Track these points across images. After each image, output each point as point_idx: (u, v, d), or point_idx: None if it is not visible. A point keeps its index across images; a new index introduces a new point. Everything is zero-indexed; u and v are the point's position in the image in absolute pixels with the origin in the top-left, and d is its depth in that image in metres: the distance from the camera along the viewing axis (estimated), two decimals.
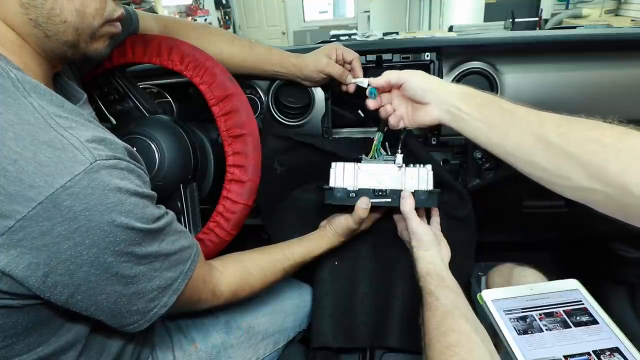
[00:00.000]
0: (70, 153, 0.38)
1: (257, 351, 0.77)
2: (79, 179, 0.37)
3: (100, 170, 0.39)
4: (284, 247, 0.73)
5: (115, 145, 0.43)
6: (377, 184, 0.71)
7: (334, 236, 0.76)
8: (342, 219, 0.74)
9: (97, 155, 0.39)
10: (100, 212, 0.38)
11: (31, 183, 0.36)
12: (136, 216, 0.41)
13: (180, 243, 0.50)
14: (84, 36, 0.49)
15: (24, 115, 0.38)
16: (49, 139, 0.38)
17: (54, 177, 0.36)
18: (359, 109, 0.90)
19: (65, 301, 0.41)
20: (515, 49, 0.89)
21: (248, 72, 0.84)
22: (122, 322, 0.46)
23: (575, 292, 0.64)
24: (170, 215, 0.49)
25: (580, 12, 3.38)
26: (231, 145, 0.70)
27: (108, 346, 0.56)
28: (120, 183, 0.40)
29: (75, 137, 0.39)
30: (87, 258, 0.39)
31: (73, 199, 0.37)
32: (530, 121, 0.52)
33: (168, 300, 0.48)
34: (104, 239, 0.39)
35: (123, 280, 0.43)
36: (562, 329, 0.58)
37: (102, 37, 0.52)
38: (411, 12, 5.11)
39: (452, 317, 0.53)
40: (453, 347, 0.48)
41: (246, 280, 0.65)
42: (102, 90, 0.77)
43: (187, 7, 5.90)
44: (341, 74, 0.80)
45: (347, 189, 0.71)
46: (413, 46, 0.90)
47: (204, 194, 0.77)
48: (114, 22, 0.52)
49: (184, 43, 0.73)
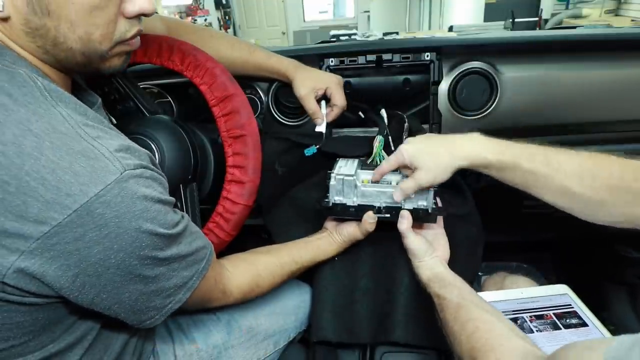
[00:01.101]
0: (103, 163, 0.40)
1: (258, 351, 0.77)
2: (111, 188, 0.39)
3: (129, 180, 0.41)
4: (292, 250, 0.73)
5: (139, 153, 0.45)
6: (377, 201, 0.70)
7: (343, 243, 0.77)
8: (351, 229, 0.75)
9: (126, 165, 0.41)
10: (128, 219, 0.40)
11: (68, 192, 0.38)
12: (159, 222, 0.43)
13: (197, 244, 0.52)
14: (94, 58, 0.48)
15: (56, 125, 0.40)
16: (82, 149, 0.40)
17: (88, 186, 0.38)
18: (359, 109, 0.90)
19: (91, 300, 0.43)
20: (515, 49, 0.89)
21: (247, 76, 0.85)
22: (141, 317, 0.49)
23: (565, 296, 0.65)
24: (187, 219, 0.51)
25: (580, 12, 3.38)
26: (231, 146, 0.70)
27: (112, 344, 0.57)
28: (146, 191, 0.42)
29: (105, 147, 0.41)
30: (115, 261, 0.41)
31: (105, 207, 0.39)
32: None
33: (183, 297, 0.51)
34: (131, 244, 0.41)
35: (145, 280, 0.45)
36: (552, 331, 0.59)
37: (115, 56, 0.50)
38: (411, 12, 5.11)
39: (462, 309, 0.54)
40: (474, 333, 0.49)
41: (256, 281, 0.66)
42: (103, 90, 0.77)
43: (187, 7, 5.90)
44: (312, 114, 0.83)
45: (347, 204, 0.71)
46: (413, 46, 0.90)
47: (204, 194, 0.77)
48: (128, 42, 0.50)
49: (184, 43, 0.73)
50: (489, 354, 0.46)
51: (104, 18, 0.46)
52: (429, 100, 0.91)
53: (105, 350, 0.55)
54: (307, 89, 0.81)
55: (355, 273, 0.81)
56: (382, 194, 0.70)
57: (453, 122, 0.89)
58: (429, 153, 0.62)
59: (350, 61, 0.92)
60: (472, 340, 0.49)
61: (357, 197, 0.71)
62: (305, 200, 0.87)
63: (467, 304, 0.55)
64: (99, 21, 0.45)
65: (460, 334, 0.51)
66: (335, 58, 0.92)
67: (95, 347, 0.53)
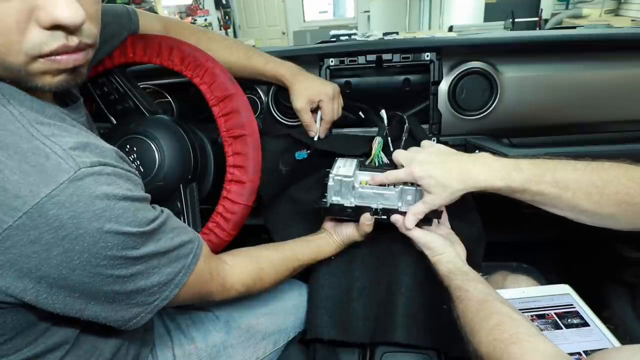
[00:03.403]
0: (54, 161, 0.38)
1: (257, 351, 0.77)
2: (64, 188, 0.37)
3: (85, 178, 0.38)
4: (294, 247, 0.74)
5: (101, 149, 0.42)
6: (374, 203, 0.70)
7: (341, 244, 0.78)
8: (350, 230, 0.76)
9: (80, 163, 0.38)
10: (87, 219, 0.38)
11: (16, 193, 0.36)
12: (127, 220, 0.41)
13: (180, 238, 0.50)
14: (15, 73, 0.40)
15: (5, 124, 0.38)
16: (32, 148, 0.38)
17: (38, 187, 0.36)
18: (359, 109, 0.90)
19: (63, 302, 0.41)
20: (515, 49, 0.89)
21: (245, 79, 0.85)
22: (124, 317, 0.46)
23: (567, 296, 0.65)
24: (166, 214, 0.49)
25: (580, 12, 3.38)
26: (231, 145, 0.70)
27: (101, 346, 0.55)
28: (107, 189, 0.40)
29: (58, 145, 0.39)
30: (79, 262, 0.39)
31: (59, 208, 0.37)
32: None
33: (169, 294, 0.49)
34: (94, 245, 0.39)
35: (119, 280, 0.43)
36: (553, 330, 0.59)
37: (42, 74, 0.42)
38: (411, 12, 5.11)
39: (488, 303, 0.53)
40: (498, 326, 0.48)
41: (258, 274, 0.65)
42: (103, 89, 0.77)
43: (187, 7, 5.90)
44: (306, 126, 0.85)
45: (344, 205, 0.71)
46: (413, 46, 0.90)
47: (204, 194, 0.77)
48: (53, 57, 0.41)
49: (184, 43, 0.73)
50: (513, 347, 0.44)
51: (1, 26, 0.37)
52: (429, 100, 0.90)
53: (92, 352, 0.54)
54: (302, 102, 0.82)
55: (351, 273, 0.81)
56: (379, 196, 0.70)
57: (453, 122, 0.89)
58: (439, 178, 0.62)
59: (350, 61, 0.92)
60: (495, 332, 0.48)
61: (355, 198, 0.71)
62: (305, 200, 0.87)
63: (492, 299, 0.54)
64: None
65: (482, 326, 0.50)
66: (335, 58, 0.92)
67: (81, 349, 0.52)
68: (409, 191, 0.68)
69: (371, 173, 0.71)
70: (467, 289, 0.57)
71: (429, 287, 0.74)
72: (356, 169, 0.73)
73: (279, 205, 0.90)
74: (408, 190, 0.68)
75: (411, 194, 0.68)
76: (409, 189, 0.68)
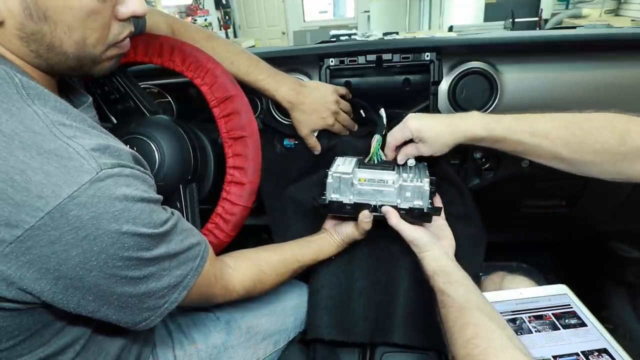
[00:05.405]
0: (77, 162, 0.38)
1: (258, 351, 0.78)
2: (86, 188, 0.38)
3: (106, 179, 0.39)
4: (295, 249, 0.74)
5: (120, 151, 0.43)
6: (373, 200, 0.70)
7: (342, 243, 0.78)
8: (349, 229, 0.76)
9: (102, 164, 0.39)
10: (107, 220, 0.39)
11: (39, 193, 0.36)
12: (143, 222, 0.42)
13: (189, 241, 0.51)
14: (86, 62, 0.48)
15: (29, 123, 0.39)
16: (55, 148, 0.38)
17: (61, 187, 0.37)
18: (360, 108, 0.91)
19: (77, 303, 0.42)
20: (515, 49, 0.89)
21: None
22: (134, 319, 0.47)
23: (564, 296, 0.65)
24: (177, 216, 0.50)
25: (580, 12, 3.38)
26: (231, 147, 0.70)
27: (107, 346, 0.56)
28: (126, 190, 0.40)
29: (81, 146, 0.39)
30: (96, 264, 0.40)
31: (80, 208, 0.37)
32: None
33: (178, 296, 0.49)
34: (112, 245, 0.40)
35: (133, 282, 0.44)
36: (551, 331, 0.59)
37: (106, 60, 0.51)
38: (411, 12, 5.11)
39: (466, 311, 0.54)
40: (473, 339, 0.49)
41: (259, 277, 0.66)
42: (103, 89, 0.77)
43: (187, 7, 5.90)
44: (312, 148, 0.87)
45: (343, 202, 0.71)
46: (413, 46, 0.90)
47: (204, 195, 0.77)
48: (119, 44, 0.50)
49: (185, 44, 0.73)
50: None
51: (100, 22, 0.45)
52: (429, 100, 0.90)
53: (99, 353, 0.54)
54: (306, 131, 0.84)
55: (351, 273, 0.81)
56: (378, 193, 0.70)
57: None
58: (431, 129, 0.67)
59: (350, 61, 0.92)
60: (469, 346, 0.49)
61: (354, 195, 0.71)
62: (305, 201, 0.87)
63: (471, 307, 0.54)
64: (95, 25, 0.45)
65: (459, 337, 0.51)
66: (335, 58, 0.92)
67: (89, 349, 0.52)
68: (407, 187, 0.68)
69: (370, 171, 0.71)
70: (448, 294, 0.58)
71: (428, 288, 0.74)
72: (355, 167, 0.73)
73: (279, 205, 0.90)
74: (407, 187, 0.68)
75: (410, 190, 0.69)
76: (408, 185, 0.68)
